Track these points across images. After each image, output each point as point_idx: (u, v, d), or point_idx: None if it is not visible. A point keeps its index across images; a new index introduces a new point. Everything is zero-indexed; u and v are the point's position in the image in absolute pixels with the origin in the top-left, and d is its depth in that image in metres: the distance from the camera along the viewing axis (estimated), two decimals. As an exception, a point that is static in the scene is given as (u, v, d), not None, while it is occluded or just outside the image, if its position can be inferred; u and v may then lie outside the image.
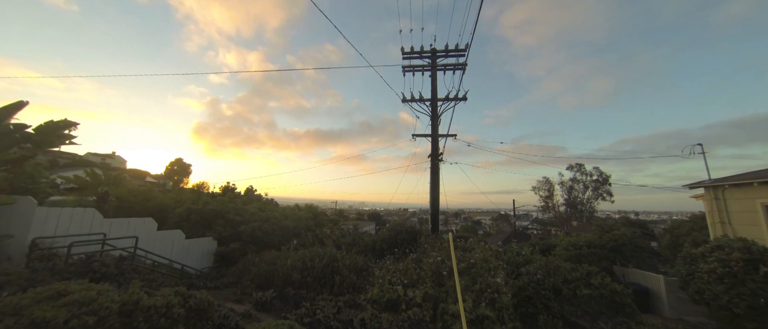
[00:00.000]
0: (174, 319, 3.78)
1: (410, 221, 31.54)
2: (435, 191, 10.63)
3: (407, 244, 9.65)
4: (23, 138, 8.74)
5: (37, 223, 8.04)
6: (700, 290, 6.28)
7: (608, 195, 36.55)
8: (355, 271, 8.15)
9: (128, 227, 10.56)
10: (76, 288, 3.41)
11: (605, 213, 45.34)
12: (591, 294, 5.78)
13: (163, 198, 16.54)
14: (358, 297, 6.84)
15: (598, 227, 13.44)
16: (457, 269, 4.89)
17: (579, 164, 38.03)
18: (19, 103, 8.55)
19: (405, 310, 5.65)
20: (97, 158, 36.49)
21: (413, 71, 11.79)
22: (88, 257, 7.22)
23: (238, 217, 16.39)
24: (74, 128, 9.75)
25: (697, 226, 16.36)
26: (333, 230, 24.05)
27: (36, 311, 2.92)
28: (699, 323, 8.03)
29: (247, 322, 5.43)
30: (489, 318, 4.93)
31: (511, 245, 15.30)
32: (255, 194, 24.11)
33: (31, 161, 8.98)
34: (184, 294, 4.23)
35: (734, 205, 9.19)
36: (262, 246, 14.18)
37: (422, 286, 6.03)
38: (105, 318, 3.19)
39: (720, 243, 6.63)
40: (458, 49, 10.99)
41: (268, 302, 6.61)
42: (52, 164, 18.84)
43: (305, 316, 5.56)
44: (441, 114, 11.30)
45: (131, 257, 8.67)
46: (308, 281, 7.68)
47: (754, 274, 5.65)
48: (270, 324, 4.16)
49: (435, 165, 10.84)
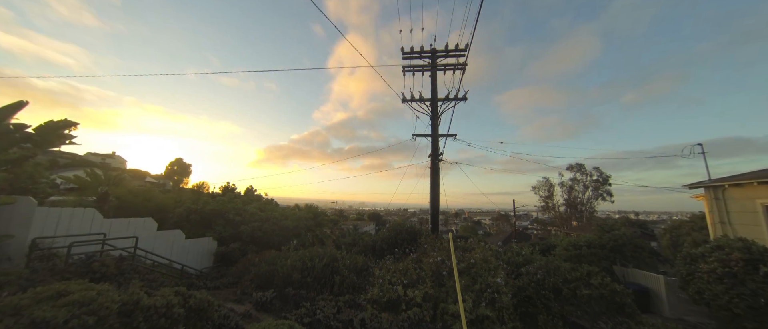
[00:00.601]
0: (174, 319, 3.78)
1: (410, 221, 31.54)
2: (435, 191, 10.63)
3: (407, 244, 9.65)
4: (23, 138, 8.74)
5: (37, 223, 8.04)
6: (700, 290, 6.28)
7: (608, 195, 36.59)
8: (355, 271, 8.14)
9: (128, 227, 10.56)
10: (76, 288, 3.40)
11: (605, 213, 45.36)
12: (591, 294, 5.78)
13: (163, 198, 16.54)
14: (358, 297, 6.84)
15: (598, 227, 13.43)
16: (457, 269, 4.88)
17: (579, 164, 38.07)
18: (19, 103, 8.55)
19: (405, 310, 5.65)
20: (97, 158, 36.50)
21: (413, 71, 11.79)
22: (88, 257, 7.21)
23: (238, 217, 16.38)
24: (74, 128, 9.74)
25: (697, 226, 16.36)
26: (333, 230, 24.05)
27: (36, 311, 2.92)
28: (699, 323, 8.03)
29: (247, 322, 5.43)
30: (489, 318, 4.93)
31: (511, 245, 15.31)
32: (255, 194, 24.09)
33: (31, 161, 8.97)
34: (184, 294, 4.23)
35: (734, 205, 9.18)
36: (262, 246, 14.18)
37: (422, 286, 6.03)
38: (105, 318, 3.19)
39: (720, 243, 6.63)
40: (458, 49, 10.99)
41: (268, 302, 6.60)
42: (52, 164, 18.83)
43: (305, 316, 5.55)
44: (441, 114, 11.30)
45: (131, 257, 8.66)
46: (308, 281, 7.68)
47: (754, 274, 5.64)
48: (270, 324, 4.16)
49: (435, 165, 10.84)
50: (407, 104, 11.57)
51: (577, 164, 38.17)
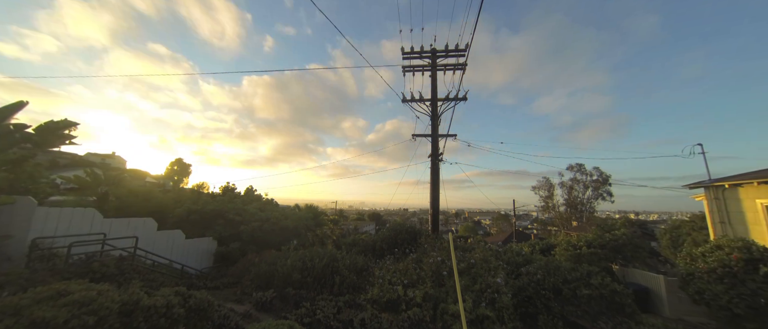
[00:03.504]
0: (174, 319, 3.78)
1: (410, 221, 31.54)
2: (435, 191, 10.63)
3: (407, 244, 9.65)
4: (23, 138, 8.74)
5: (37, 223, 8.04)
6: (700, 290, 6.28)
7: (608, 195, 36.55)
8: (355, 271, 8.14)
9: (128, 227, 10.56)
10: (76, 288, 3.40)
11: (605, 213, 45.33)
12: (591, 294, 5.78)
13: (163, 198, 16.52)
14: (358, 297, 6.84)
15: (598, 227, 13.42)
16: (457, 269, 4.89)
17: (579, 164, 38.06)
18: (20, 103, 8.56)
19: (405, 310, 5.65)
20: (97, 158, 36.47)
21: (413, 71, 11.80)
22: (88, 257, 7.22)
23: (238, 217, 16.38)
24: (74, 129, 9.75)
25: (697, 226, 16.36)
26: (333, 230, 24.04)
27: (36, 311, 2.92)
28: (699, 323, 8.03)
29: (247, 322, 5.43)
30: (489, 318, 4.93)
31: (511, 245, 15.31)
32: (255, 195, 24.06)
33: (31, 161, 8.98)
34: (184, 294, 4.23)
35: (734, 205, 9.18)
36: (262, 246, 14.17)
37: (422, 286, 6.03)
38: (105, 318, 3.19)
39: (720, 243, 6.63)
40: (458, 49, 10.99)
41: (268, 302, 6.60)
42: (52, 164, 18.83)
43: (305, 316, 5.55)
44: (441, 114, 11.31)
45: (131, 257, 8.67)
46: (308, 281, 7.68)
47: (754, 274, 5.65)
48: (270, 324, 4.16)
49: (435, 165, 10.85)
50: (407, 104, 11.57)
51: (577, 164, 38.17)
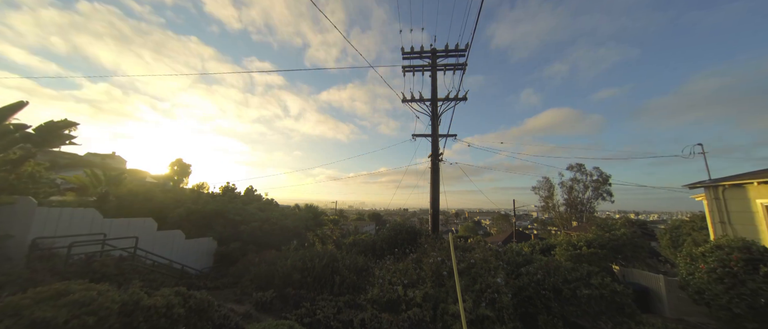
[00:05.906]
0: (174, 319, 3.78)
1: (410, 221, 31.53)
2: (435, 191, 10.63)
3: (407, 244, 9.65)
4: (23, 138, 8.74)
5: (37, 223, 8.04)
6: (700, 290, 6.28)
7: (608, 195, 36.55)
8: (356, 271, 8.14)
9: (128, 227, 10.55)
10: (77, 288, 3.40)
11: (605, 213, 45.31)
12: (591, 294, 5.78)
13: (163, 198, 16.51)
14: (358, 297, 6.84)
15: (598, 227, 13.43)
16: (457, 269, 4.89)
17: (579, 164, 38.05)
18: (20, 103, 8.56)
19: (405, 310, 5.65)
20: (97, 158, 36.45)
21: (413, 71, 11.80)
22: (88, 257, 7.23)
23: (238, 217, 16.37)
24: (74, 129, 9.74)
25: (697, 226, 16.34)
26: (333, 230, 24.05)
27: (36, 311, 2.92)
28: (699, 323, 8.03)
29: (247, 322, 5.43)
30: (489, 318, 4.93)
31: (511, 245, 15.31)
32: (255, 195, 24.06)
33: (31, 162, 8.98)
34: (184, 294, 4.23)
35: (734, 205, 9.18)
36: (262, 246, 14.16)
37: (422, 286, 6.04)
38: (105, 318, 3.19)
39: (720, 243, 6.63)
40: (458, 49, 11.00)
41: (268, 302, 6.60)
42: (52, 165, 18.83)
43: (305, 316, 5.55)
44: (441, 114, 11.31)
45: (131, 257, 8.67)
46: (308, 281, 7.68)
47: (754, 274, 5.64)
48: (270, 324, 4.17)
49: (435, 165, 10.85)
50: (407, 104, 11.57)
51: (577, 164, 38.17)
